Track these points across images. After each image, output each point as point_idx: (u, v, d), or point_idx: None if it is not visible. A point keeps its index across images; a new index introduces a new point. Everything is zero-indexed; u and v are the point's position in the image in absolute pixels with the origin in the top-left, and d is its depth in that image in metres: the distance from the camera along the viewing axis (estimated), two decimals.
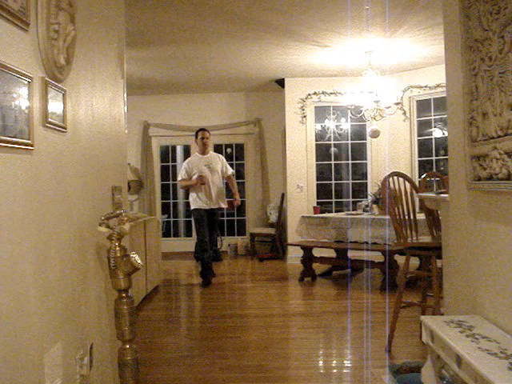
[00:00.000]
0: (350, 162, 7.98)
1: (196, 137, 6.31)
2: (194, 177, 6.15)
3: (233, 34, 5.50)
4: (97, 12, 2.49)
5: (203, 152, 6.30)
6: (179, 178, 6.33)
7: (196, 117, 8.64)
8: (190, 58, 6.51)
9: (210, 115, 8.65)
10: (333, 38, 5.68)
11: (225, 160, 6.49)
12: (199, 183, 6.07)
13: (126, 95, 3.07)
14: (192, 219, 6.52)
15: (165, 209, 9.11)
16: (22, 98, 1.57)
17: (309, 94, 7.63)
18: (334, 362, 3.52)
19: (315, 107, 7.78)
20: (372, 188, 7.37)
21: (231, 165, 8.99)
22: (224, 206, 6.31)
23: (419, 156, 7.43)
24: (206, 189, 6.10)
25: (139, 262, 2.31)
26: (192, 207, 6.22)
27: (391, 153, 7.40)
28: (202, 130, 6.34)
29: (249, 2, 4.60)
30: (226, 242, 8.60)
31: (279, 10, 4.80)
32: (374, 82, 6.09)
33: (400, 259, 5.43)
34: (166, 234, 8.91)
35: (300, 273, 6.20)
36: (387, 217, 3.67)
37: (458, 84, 2.27)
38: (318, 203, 7.69)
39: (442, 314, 3.03)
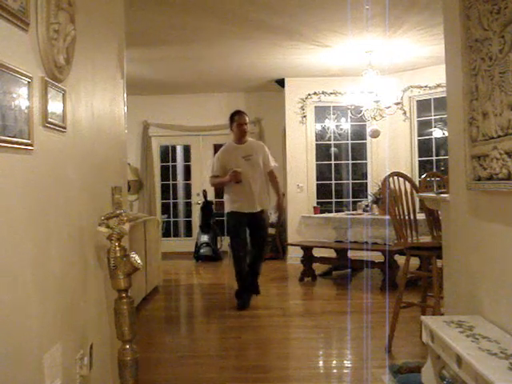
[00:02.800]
0: (350, 161, 7.98)
1: (231, 122, 4.96)
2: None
3: (233, 34, 5.49)
4: (97, 12, 2.49)
5: (240, 140, 4.96)
6: (210, 174, 5.03)
7: (196, 117, 8.64)
8: (190, 58, 6.51)
9: (210, 115, 8.64)
10: (333, 38, 5.68)
11: (267, 149, 5.11)
12: (233, 181, 4.75)
13: (125, 95, 3.07)
14: (226, 226, 5.31)
15: (165, 209, 9.11)
16: (21, 97, 1.57)
17: (309, 94, 7.63)
18: (334, 362, 3.52)
19: (315, 107, 7.78)
20: (372, 188, 7.37)
21: None
22: (265, 207, 5.00)
23: (419, 156, 7.43)
24: (244, 188, 4.78)
25: (139, 262, 2.31)
26: (226, 210, 4.95)
27: (391, 153, 7.39)
28: (239, 112, 4.99)
29: (249, 2, 4.60)
30: (226, 242, 8.59)
31: (279, 10, 4.80)
32: (374, 82, 6.09)
33: (400, 259, 5.42)
34: (166, 234, 8.91)
35: (300, 273, 6.20)
36: (387, 217, 3.67)
37: (458, 84, 2.26)
38: (318, 203, 7.68)
39: (442, 314, 3.03)
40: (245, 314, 4.69)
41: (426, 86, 7.11)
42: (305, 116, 7.66)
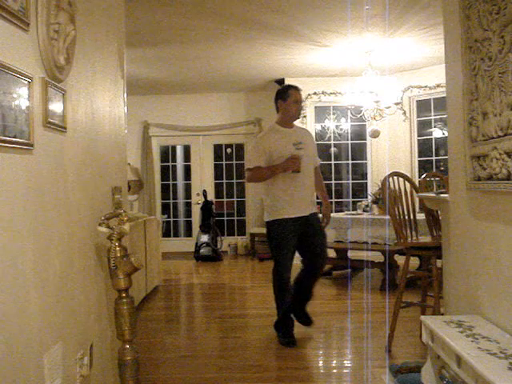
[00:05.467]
0: (350, 162, 7.98)
1: (283, 98, 3.74)
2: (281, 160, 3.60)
3: (233, 34, 5.50)
4: (97, 12, 2.49)
5: (289, 123, 3.80)
6: (250, 166, 3.70)
7: (196, 117, 8.64)
8: (190, 58, 6.51)
9: (210, 115, 8.65)
10: (333, 38, 5.68)
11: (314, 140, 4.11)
12: (291, 169, 3.59)
13: (125, 95, 3.07)
14: (268, 238, 3.82)
15: (165, 209, 9.12)
16: (22, 98, 1.57)
17: (309, 94, 7.63)
18: (334, 361, 3.52)
19: (315, 107, 7.78)
20: (372, 188, 7.37)
21: (231, 165, 9.05)
22: (316, 210, 3.95)
23: (419, 156, 7.44)
24: (295, 184, 3.67)
25: (139, 261, 2.31)
26: (269, 218, 3.72)
27: (391, 153, 7.39)
28: (294, 86, 3.81)
29: (249, 2, 4.60)
30: (226, 242, 8.61)
31: (279, 10, 4.80)
32: (374, 82, 6.09)
33: (400, 259, 5.43)
34: (166, 234, 8.91)
35: None
36: (387, 217, 3.66)
37: (458, 84, 2.27)
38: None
39: (442, 314, 3.03)
40: (245, 314, 4.70)
41: (425, 86, 7.12)
42: (305, 116, 7.65)
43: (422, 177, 4.06)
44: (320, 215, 3.98)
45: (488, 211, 2.16)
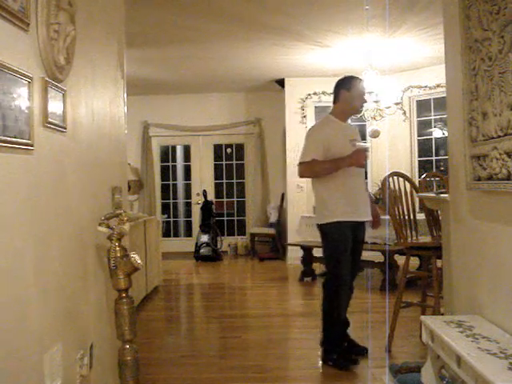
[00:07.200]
0: None
1: (347, 88, 3.40)
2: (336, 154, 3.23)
3: (233, 34, 5.50)
4: (97, 12, 2.49)
5: (346, 116, 3.49)
6: (306, 159, 3.26)
7: (196, 117, 8.64)
8: (190, 58, 6.51)
9: (210, 115, 8.65)
10: (333, 39, 5.68)
11: None
12: (358, 164, 3.23)
13: (125, 95, 3.06)
14: (325, 239, 3.37)
15: (165, 209, 9.12)
16: (21, 97, 1.57)
17: (309, 94, 7.63)
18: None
19: (315, 107, 7.78)
20: (372, 188, 7.37)
21: (231, 165, 9.06)
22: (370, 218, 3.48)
23: (419, 156, 7.44)
24: (355, 184, 3.33)
25: (139, 262, 2.31)
26: (328, 219, 3.27)
27: (391, 153, 7.39)
28: (360, 79, 3.52)
29: (249, 3, 4.60)
30: (226, 242, 8.60)
31: (280, 11, 4.80)
32: (374, 82, 6.09)
33: (400, 259, 5.42)
34: (166, 234, 8.91)
35: (300, 273, 6.20)
36: (387, 217, 3.67)
37: (458, 84, 2.27)
38: None
39: (442, 314, 3.03)
40: (245, 314, 4.70)
41: (425, 86, 7.12)
42: (305, 116, 7.66)
43: (422, 177, 4.06)
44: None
45: (488, 211, 2.16)
